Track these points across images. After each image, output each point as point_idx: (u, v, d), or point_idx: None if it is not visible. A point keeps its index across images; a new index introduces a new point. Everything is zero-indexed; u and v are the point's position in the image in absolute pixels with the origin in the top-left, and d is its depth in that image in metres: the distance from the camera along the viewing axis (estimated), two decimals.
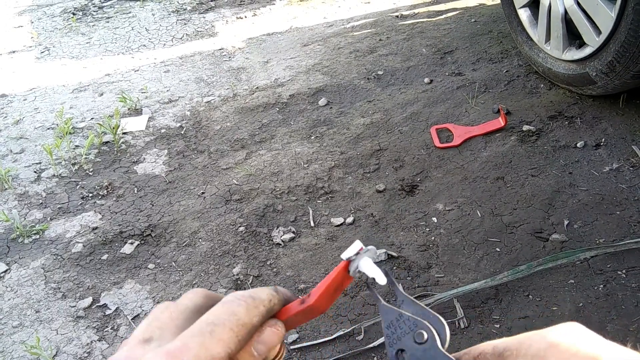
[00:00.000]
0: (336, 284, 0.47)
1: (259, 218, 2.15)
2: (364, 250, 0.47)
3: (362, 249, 0.47)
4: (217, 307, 0.41)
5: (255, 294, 0.43)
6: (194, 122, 2.84)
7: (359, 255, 0.46)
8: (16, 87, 3.43)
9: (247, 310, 0.41)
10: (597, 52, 2.18)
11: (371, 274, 0.46)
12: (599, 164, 2.13)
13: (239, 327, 0.40)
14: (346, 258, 0.46)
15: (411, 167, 2.28)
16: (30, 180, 2.56)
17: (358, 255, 0.46)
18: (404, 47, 3.20)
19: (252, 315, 0.42)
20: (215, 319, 0.40)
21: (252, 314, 0.42)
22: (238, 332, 0.40)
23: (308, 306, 0.45)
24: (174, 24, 4.06)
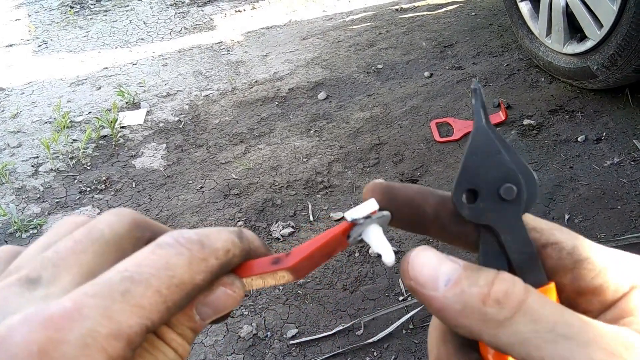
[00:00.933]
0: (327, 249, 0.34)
1: (258, 213, 2.14)
2: (377, 215, 0.34)
3: (376, 211, 0.34)
4: (144, 252, 0.28)
5: (207, 238, 0.30)
6: (192, 116, 2.82)
7: (368, 220, 0.34)
8: (13, 81, 3.41)
9: (190, 264, 0.29)
10: (599, 45, 2.16)
11: (378, 248, 0.34)
12: (600, 158, 2.12)
13: (171, 289, 0.27)
14: (351, 219, 0.34)
15: (411, 162, 2.27)
16: (27, 175, 2.55)
17: (368, 219, 0.34)
18: (404, 41, 3.18)
19: (196, 271, 0.29)
20: (136, 273, 0.27)
21: (196, 270, 0.29)
22: (169, 295, 0.27)
23: (283, 268, 0.33)
24: (172, 17, 4.03)
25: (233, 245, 0.31)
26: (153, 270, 0.27)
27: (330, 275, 1.85)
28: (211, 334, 1.72)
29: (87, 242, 0.30)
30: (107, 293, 0.26)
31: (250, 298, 1.82)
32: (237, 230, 0.32)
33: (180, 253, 0.29)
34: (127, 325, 0.26)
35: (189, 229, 0.30)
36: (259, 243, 0.34)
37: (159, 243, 0.29)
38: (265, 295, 1.82)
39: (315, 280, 1.84)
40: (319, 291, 1.80)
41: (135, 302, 0.26)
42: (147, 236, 0.33)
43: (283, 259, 0.33)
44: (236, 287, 0.32)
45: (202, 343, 1.70)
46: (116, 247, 0.31)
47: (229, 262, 0.31)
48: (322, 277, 1.84)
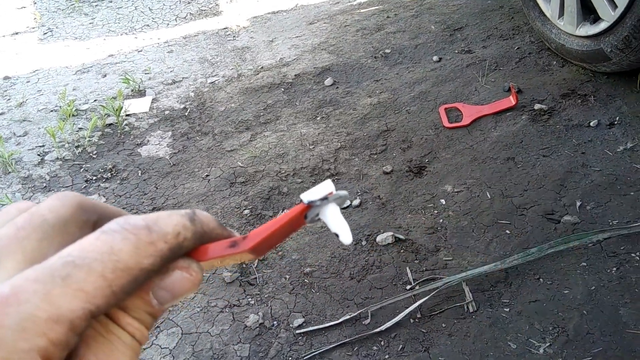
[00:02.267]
0: (284, 229, 0.35)
1: (264, 201, 2.12)
2: (333, 196, 0.35)
3: (332, 193, 0.35)
4: (89, 239, 0.28)
5: (156, 222, 0.30)
6: (198, 103, 2.79)
7: (325, 201, 0.35)
8: (19, 69, 3.40)
9: (136, 248, 0.28)
10: (613, 27, 2.10)
11: (335, 228, 0.35)
12: (612, 143, 2.07)
13: (116, 274, 0.27)
14: (308, 201, 0.35)
15: (419, 148, 2.23)
16: (33, 164, 2.54)
17: (324, 200, 0.35)
18: (412, 25, 3.12)
19: (143, 255, 0.28)
20: (79, 257, 0.27)
21: (143, 254, 0.28)
22: (114, 280, 0.27)
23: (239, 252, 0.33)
24: (177, 3, 3.99)
25: (184, 229, 0.31)
26: (97, 255, 0.27)
27: (337, 263, 1.82)
28: (217, 323, 1.71)
29: (30, 228, 0.30)
30: (47, 277, 0.26)
31: (256, 287, 1.80)
32: (189, 212, 0.32)
33: (126, 238, 0.28)
34: (68, 310, 0.25)
35: (138, 215, 0.30)
36: (215, 224, 0.34)
37: (104, 229, 0.29)
38: (271, 284, 1.80)
39: (322, 269, 1.82)
40: (325, 280, 1.78)
41: (77, 287, 0.26)
42: (93, 219, 0.33)
43: (240, 242, 0.33)
44: (193, 270, 0.32)
45: (209, 332, 1.69)
46: (61, 232, 0.31)
47: (180, 246, 0.31)
48: (329, 265, 1.82)
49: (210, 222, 0.33)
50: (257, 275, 1.84)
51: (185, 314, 1.75)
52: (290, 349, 1.61)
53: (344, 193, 0.36)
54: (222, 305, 1.76)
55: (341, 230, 0.36)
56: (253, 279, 1.83)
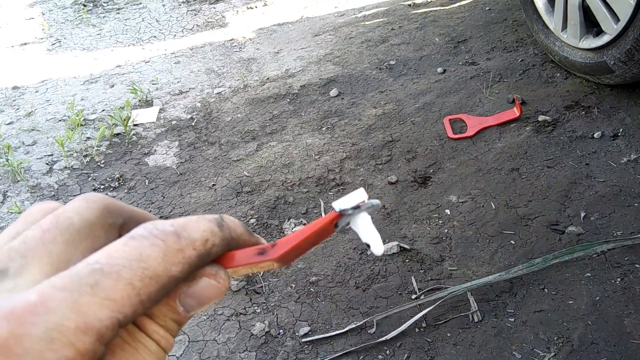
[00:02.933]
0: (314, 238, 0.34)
1: (270, 210, 2.14)
2: (365, 205, 0.34)
3: (365, 202, 0.34)
4: (116, 245, 0.27)
5: (184, 228, 0.29)
6: (204, 113, 2.82)
7: (357, 210, 0.34)
8: (28, 79, 3.44)
9: (165, 255, 0.28)
10: (615, 40, 2.12)
11: (367, 238, 0.35)
12: (616, 154, 2.09)
13: (144, 281, 0.26)
14: (340, 210, 0.34)
15: (424, 159, 2.25)
16: (42, 172, 2.57)
17: (357, 209, 0.34)
18: (417, 37, 3.16)
19: (172, 262, 0.28)
20: (107, 265, 0.26)
21: (172, 261, 0.28)
22: (142, 288, 0.26)
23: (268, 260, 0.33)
24: (184, 15, 4.04)
25: (212, 235, 0.30)
26: (125, 262, 0.26)
27: (343, 273, 1.84)
28: (224, 331, 1.72)
29: (56, 231, 0.29)
30: (75, 286, 0.25)
31: (262, 295, 1.82)
32: (217, 218, 0.31)
33: (154, 244, 0.28)
34: (96, 319, 0.25)
35: (165, 220, 0.29)
36: (242, 230, 0.33)
37: (132, 235, 0.28)
38: (277, 293, 1.81)
39: (328, 278, 1.83)
40: (331, 289, 1.80)
41: (105, 295, 0.25)
42: (120, 222, 0.33)
43: (269, 250, 0.33)
44: (220, 278, 0.31)
45: (215, 340, 1.70)
46: (87, 235, 0.30)
47: (209, 252, 0.30)
48: (334, 274, 1.84)
49: (238, 227, 0.33)
50: (263, 283, 1.85)
51: (192, 321, 1.77)
52: (296, 357, 1.63)
53: (376, 202, 0.35)
54: (229, 314, 1.78)
55: (373, 241, 0.35)
56: (259, 287, 1.85)
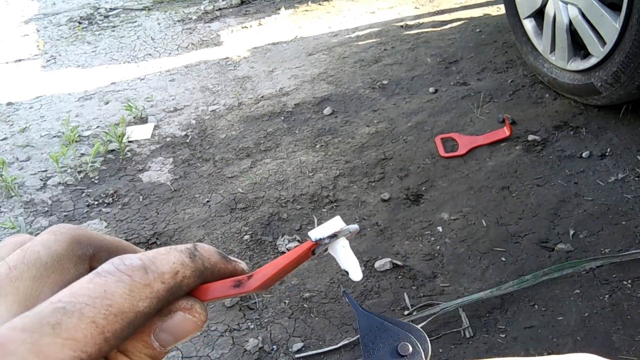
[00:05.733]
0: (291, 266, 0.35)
1: (264, 226, 2.16)
2: (342, 232, 0.36)
3: (341, 230, 0.35)
4: (81, 282, 0.27)
5: (152, 262, 0.28)
6: (199, 130, 2.85)
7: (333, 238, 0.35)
8: (22, 95, 3.45)
9: (131, 291, 0.27)
10: (602, 62, 2.18)
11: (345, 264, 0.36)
12: (604, 174, 2.13)
13: (109, 319, 0.26)
14: (316, 239, 0.35)
15: (416, 177, 2.29)
16: (36, 188, 2.57)
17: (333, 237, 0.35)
18: (409, 57, 3.21)
19: (138, 298, 0.27)
20: (69, 303, 0.25)
21: (139, 297, 0.27)
22: (106, 325, 0.26)
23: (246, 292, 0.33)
24: (179, 33, 4.08)
25: (183, 267, 0.30)
26: (88, 300, 0.26)
27: (336, 289, 1.86)
28: (217, 347, 1.73)
29: (23, 267, 0.29)
30: (36, 326, 0.24)
31: (256, 311, 1.83)
32: (189, 248, 0.31)
33: (120, 280, 0.27)
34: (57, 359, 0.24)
35: (134, 254, 0.29)
36: (217, 258, 0.33)
37: (98, 271, 0.27)
38: (271, 309, 1.83)
39: (321, 294, 1.84)
40: (324, 305, 1.81)
41: (67, 335, 0.25)
42: (89, 253, 0.32)
43: (245, 282, 0.33)
44: (196, 312, 0.31)
45: (209, 356, 1.71)
46: (55, 269, 0.30)
47: (179, 285, 0.30)
48: (327, 291, 1.85)
49: (212, 256, 0.32)
50: (256, 299, 1.86)
51: None
52: None
53: (354, 227, 0.36)
54: (222, 329, 1.78)
55: (351, 267, 0.36)
56: (253, 303, 1.86)
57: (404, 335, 0.37)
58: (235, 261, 0.35)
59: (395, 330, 0.37)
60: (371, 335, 0.37)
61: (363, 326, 0.38)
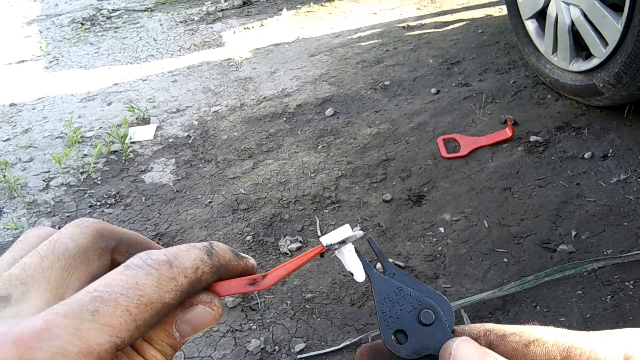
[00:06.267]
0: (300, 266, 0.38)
1: (266, 227, 2.16)
2: (350, 239, 0.38)
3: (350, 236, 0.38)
4: (113, 274, 0.29)
5: (176, 257, 0.31)
6: (201, 131, 2.86)
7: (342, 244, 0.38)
8: (25, 97, 3.46)
9: (159, 283, 0.29)
10: (604, 63, 2.18)
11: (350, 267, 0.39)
12: (606, 175, 2.13)
13: (140, 308, 0.28)
14: (326, 245, 0.38)
15: (418, 177, 2.29)
16: (39, 189, 2.58)
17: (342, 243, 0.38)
18: (411, 58, 3.21)
19: (165, 290, 0.30)
20: (105, 293, 0.28)
21: (165, 289, 0.30)
22: (138, 314, 0.28)
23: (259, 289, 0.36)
24: (181, 34, 4.09)
25: (202, 263, 0.32)
26: (122, 290, 0.28)
27: (338, 290, 1.86)
28: (219, 348, 1.73)
29: (53, 257, 0.31)
30: (77, 313, 0.27)
31: (258, 312, 1.83)
32: (206, 246, 0.33)
33: (149, 273, 0.29)
34: (96, 344, 0.27)
35: (158, 250, 0.31)
36: (231, 256, 0.35)
37: (127, 265, 0.30)
38: (273, 310, 1.83)
39: (323, 295, 1.85)
40: (326, 306, 1.81)
41: (104, 321, 0.27)
42: (112, 245, 0.35)
43: (260, 281, 0.36)
44: (215, 305, 0.34)
45: (211, 357, 1.71)
46: (82, 260, 0.32)
47: (199, 280, 0.32)
48: (329, 291, 1.86)
49: (227, 254, 0.35)
50: (258, 300, 1.87)
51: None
52: None
53: (360, 234, 0.39)
54: (225, 330, 1.79)
55: (356, 270, 0.38)
56: (255, 304, 1.86)
57: (425, 301, 0.35)
58: (246, 258, 0.37)
59: (415, 295, 0.35)
60: (388, 301, 0.36)
61: (378, 290, 0.36)
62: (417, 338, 0.34)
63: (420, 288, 0.36)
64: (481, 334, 0.33)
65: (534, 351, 0.31)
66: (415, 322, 0.34)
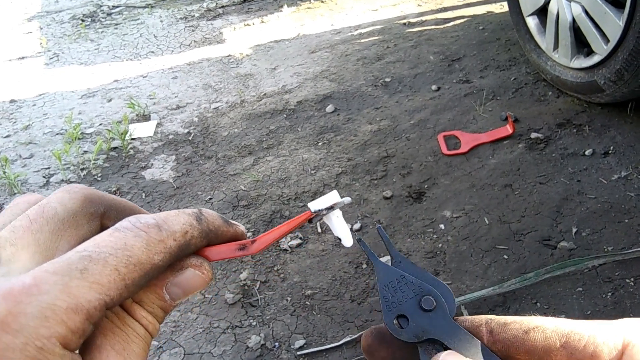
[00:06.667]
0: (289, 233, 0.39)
1: (266, 224, 2.16)
2: (338, 204, 0.39)
3: (337, 202, 0.39)
4: (102, 235, 0.30)
5: (165, 221, 0.32)
6: (201, 128, 2.85)
7: (330, 209, 0.39)
8: (25, 93, 3.46)
9: (147, 245, 0.30)
10: (605, 60, 2.18)
11: (338, 232, 0.39)
12: (607, 171, 2.13)
13: (128, 268, 0.29)
14: (314, 210, 0.38)
15: (418, 174, 2.28)
16: (39, 185, 2.58)
17: (330, 209, 0.39)
18: (412, 55, 3.21)
19: (154, 252, 0.30)
20: (94, 252, 0.28)
21: (154, 250, 0.30)
22: (127, 273, 0.29)
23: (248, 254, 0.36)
24: (182, 31, 4.09)
25: (191, 228, 0.33)
26: (111, 250, 0.29)
27: (338, 286, 1.86)
28: (219, 344, 1.73)
29: (42, 221, 0.32)
30: (66, 270, 0.27)
31: (258, 308, 1.83)
32: (196, 212, 0.34)
33: (138, 235, 0.30)
34: (85, 300, 0.27)
35: (148, 214, 0.32)
36: (220, 222, 0.36)
37: (117, 227, 0.30)
38: (273, 306, 1.83)
39: (323, 292, 1.85)
40: (326, 302, 1.81)
41: (93, 279, 0.28)
42: (101, 210, 0.35)
43: (249, 246, 0.36)
44: (204, 269, 0.34)
45: (211, 353, 1.71)
46: (71, 224, 0.33)
47: (188, 244, 0.33)
48: (330, 288, 1.85)
49: (216, 219, 0.35)
50: (259, 297, 1.87)
51: (188, 334, 1.78)
52: None
53: (347, 200, 0.40)
54: (225, 326, 1.79)
55: (343, 235, 0.39)
56: (255, 300, 1.86)
57: (426, 288, 0.36)
58: (236, 225, 0.37)
59: (417, 283, 0.36)
60: (390, 288, 0.37)
61: (382, 278, 0.37)
62: (417, 322, 0.35)
63: (425, 276, 0.37)
64: (482, 322, 0.34)
65: (534, 337, 0.32)
66: (417, 307, 0.35)
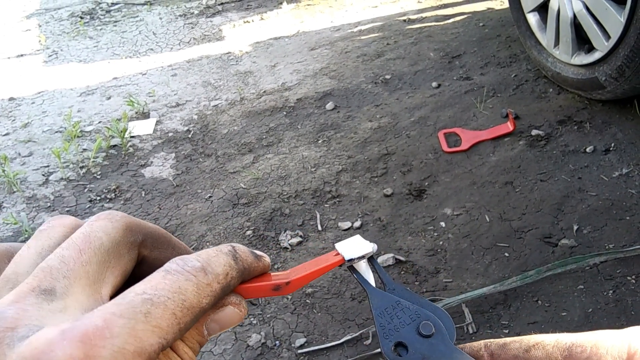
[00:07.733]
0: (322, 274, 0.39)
1: (266, 222, 2.15)
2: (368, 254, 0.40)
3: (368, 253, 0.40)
4: (157, 277, 0.30)
5: (208, 264, 0.32)
6: (201, 125, 2.84)
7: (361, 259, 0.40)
8: (24, 91, 3.45)
9: (197, 289, 0.31)
10: (606, 56, 2.17)
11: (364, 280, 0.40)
12: (608, 169, 2.12)
13: (183, 312, 0.30)
14: (348, 259, 0.39)
15: (419, 172, 2.28)
16: (38, 184, 2.57)
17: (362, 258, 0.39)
18: (412, 51, 3.20)
19: (203, 295, 0.31)
20: (155, 296, 0.29)
21: (203, 294, 0.31)
22: (182, 317, 0.30)
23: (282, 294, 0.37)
24: (181, 28, 4.07)
25: (230, 269, 0.34)
26: (169, 294, 0.30)
27: (339, 284, 1.85)
28: (220, 343, 1.73)
29: (91, 252, 0.32)
30: (131, 314, 0.28)
31: (258, 307, 1.82)
32: (232, 251, 0.35)
33: (188, 279, 0.31)
34: (148, 344, 0.28)
35: (189, 255, 0.33)
36: (252, 259, 0.37)
37: (167, 269, 0.31)
38: (273, 305, 1.82)
39: (324, 290, 1.84)
40: (327, 300, 1.81)
41: (155, 323, 0.28)
42: (139, 239, 0.36)
43: (283, 287, 0.37)
44: (242, 307, 0.36)
45: (211, 352, 1.70)
46: (115, 255, 0.33)
47: (229, 285, 0.34)
48: (330, 286, 1.85)
49: (248, 257, 0.36)
50: None
51: None
52: None
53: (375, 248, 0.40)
54: None
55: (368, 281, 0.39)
56: (255, 299, 1.85)
57: (424, 314, 0.36)
58: (264, 257, 0.38)
59: (413, 308, 0.36)
60: (386, 314, 0.36)
61: (376, 305, 0.37)
62: (417, 349, 0.34)
63: (420, 302, 0.36)
64: (482, 346, 0.34)
65: (535, 355, 0.32)
66: (415, 334, 0.35)
